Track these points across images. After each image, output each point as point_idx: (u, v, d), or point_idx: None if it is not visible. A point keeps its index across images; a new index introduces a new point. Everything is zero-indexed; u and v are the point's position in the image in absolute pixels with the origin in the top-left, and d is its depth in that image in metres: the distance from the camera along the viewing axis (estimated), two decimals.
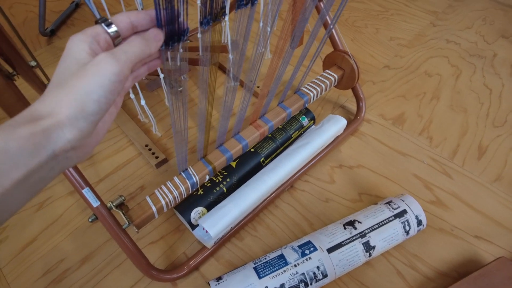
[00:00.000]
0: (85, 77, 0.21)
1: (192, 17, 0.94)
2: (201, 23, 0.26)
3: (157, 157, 0.63)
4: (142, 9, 0.52)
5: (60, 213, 0.58)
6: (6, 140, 0.19)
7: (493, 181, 0.62)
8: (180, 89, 0.75)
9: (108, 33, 0.24)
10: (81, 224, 0.57)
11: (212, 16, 0.26)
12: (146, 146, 0.64)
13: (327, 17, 0.62)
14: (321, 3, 0.62)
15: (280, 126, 0.64)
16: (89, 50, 0.23)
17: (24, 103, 0.35)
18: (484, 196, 0.60)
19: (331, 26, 0.59)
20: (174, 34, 0.25)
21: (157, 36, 0.25)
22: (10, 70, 0.40)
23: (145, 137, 0.66)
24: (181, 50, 0.27)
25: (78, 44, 0.23)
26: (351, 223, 0.52)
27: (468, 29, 0.93)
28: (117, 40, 0.25)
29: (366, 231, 0.51)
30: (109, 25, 0.24)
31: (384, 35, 0.91)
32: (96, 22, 0.24)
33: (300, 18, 0.45)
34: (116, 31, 0.24)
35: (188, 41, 0.73)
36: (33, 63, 0.42)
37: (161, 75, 0.53)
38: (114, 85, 0.22)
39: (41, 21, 0.84)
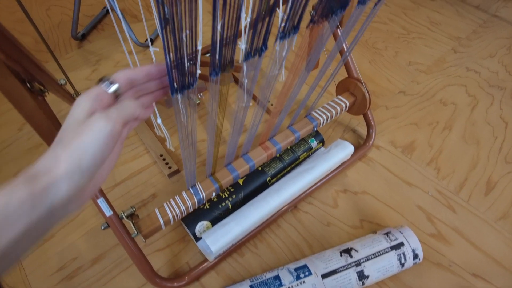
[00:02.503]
0: (81, 134, 0.24)
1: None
2: (210, 74, 0.28)
3: (170, 167, 0.66)
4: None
5: (77, 213, 0.63)
6: (7, 201, 0.21)
7: (498, 219, 0.62)
8: (198, 102, 0.78)
9: (109, 92, 0.27)
10: (95, 225, 0.61)
11: (220, 69, 0.28)
12: (161, 156, 0.68)
13: (344, 45, 0.64)
14: (339, 30, 0.64)
15: (288, 147, 0.66)
16: (89, 109, 0.25)
17: (53, 122, 0.39)
18: (486, 234, 0.61)
19: (347, 54, 0.61)
20: (184, 85, 0.27)
21: (148, 108, 0.29)
22: (41, 87, 0.43)
23: (160, 147, 0.69)
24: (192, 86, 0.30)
25: (81, 103, 0.25)
26: (347, 251, 0.54)
27: (491, 57, 0.92)
28: (118, 96, 0.28)
29: (362, 260, 0.52)
30: (111, 82, 0.27)
31: (403, 58, 0.91)
32: (99, 81, 0.27)
33: (316, 44, 0.47)
34: (117, 88, 0.27)
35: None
36: (62, 81, 0.45)
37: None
38: (107, 141, 0.24)
39: (74, 26, 0.89)
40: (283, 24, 0.28)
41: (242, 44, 0.29)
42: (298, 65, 0.43)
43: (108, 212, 0.49)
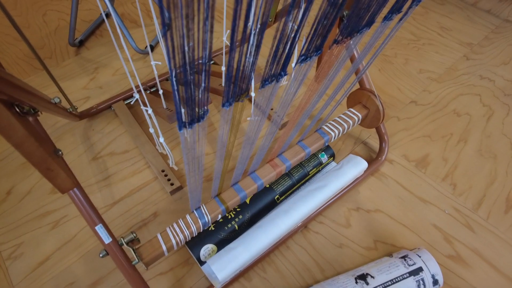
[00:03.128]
0: None
1: (216, 35, 0.93)
2: (223, 105, 0.25)
3: (172, 184, 0.63)
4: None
5: (74, 233, 0.59)
6: None
7: None
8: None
9: None
10: (93, 247, 0.58)
11: (234, 99, 0.25)
12: (163, 171, 0.64)
13: (361, 63, 0.60)
14: (355, 52, 0.60)
15: None
16: None
17: (45, 148, 0.35)
18: (508, 256, 0.57)
19: (362, 73, 0.57)
20: (193, 119, 0.24)
21: None
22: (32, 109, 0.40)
23: (162, 162, 0.66)
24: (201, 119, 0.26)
25: None
26: (363, 277, 0.50)
27: (505, 65, 0.88)
28: None
29: (378, 287, 0.49)
30: None
31: (414, 66, 0.88)
32: None
33: (336, 63, 0.43)
34: None
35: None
36: (56, 100, 0.42)
37: (182, 110, 0.52)
38: None
39: (71, 33, 0.85)
40: (305, 46, 0.25)
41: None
42: (316, 84, 0.39)
43: (107, 239, 0.45)
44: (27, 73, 0.84)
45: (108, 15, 0.96)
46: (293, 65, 0.27)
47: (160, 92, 0.55)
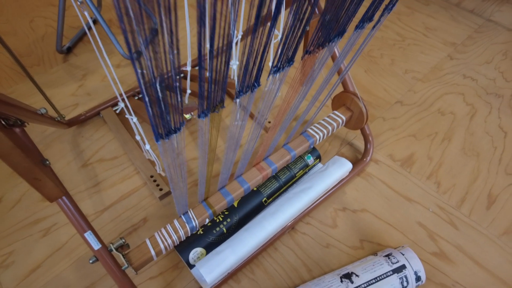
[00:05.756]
0: None
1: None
2: (199, 116, 0.26)
3: (161, 189, 0.64)
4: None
5: (64, 240, 0.60)
6: None
7: (501, 234, 0.61)
8: (189, 118, 0.75)
9: None
10: (84, 253, 0.58)
11: (209, 110, 0.26)
12: (151, 177, 0.65)
13: (342, 65, 0.62)
14: (337, 51, 0.61)
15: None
16: None
17: (32, 159, 0.36)
18: (490, 251, 0.59)
19: (344, 73, 0.59)
20: (170, 130, 0.25)
21: None
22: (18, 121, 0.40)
23: (150, 167, 0.66)
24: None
25: None
26: (348, 276, 0.51)
27: (487, 64, 0.90)
28: None
29: (363, 286, 0.50)
30: None
31: (399, 67, 0.89)
32: None
33: (313, 70, 0.44)
34: None
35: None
36: (43, 111, 0.43)
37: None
38: None
39: (58, 40, 0.86)
40: (276, 58, 0.26)
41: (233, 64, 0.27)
42: (296, 87, 0.41)
43: (96, 246, 0.46)
44: (14, 81, 0.84)
45: (95, 21, 0.97)
46: (267, 78, 0.28)
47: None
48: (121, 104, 0.39)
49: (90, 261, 0.47)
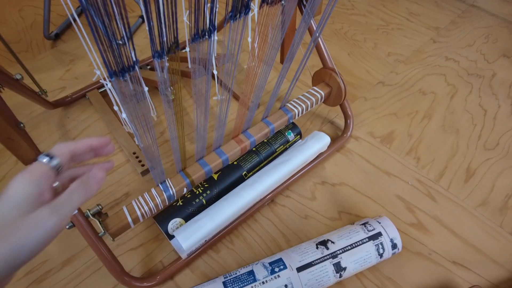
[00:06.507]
0: (23, 229, 0.22)
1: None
2: (153, 56, 0.27)
3: (143, 165, 0.65)
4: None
5: None
6: None
7: (477, 206, 0.62)
8: (173, 98, 0.77)
9: (52, 168, 0.25)
10: (66, 227, 0.59)
11: (164, 52, 0.27)
12: (134, 153, 0.66)
13: (312, 22, 0.62)
14: (303, 5, 0.62)
15: (265, 140, 0.65)
16: (33, 196, 0.23)
17: (9, 123, 0.37)
18: (466, 221, 0.60)
19: (317, 34, 0.59)
20: (124, 69, 0.26)
21: (96, 177, 0.27)
22: None
23: (133, 145, 0.67)
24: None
25: (23, 188, 0.23)
26: (324, 243, 0.52)
27: (469, 46, 0.91)
28: (59, 170, 0.26)
29: (338, 252, 0.51)
30: (51, 158, 0.26)
31: (382, 50, 0.91)
32: (37, 157, 0.26)
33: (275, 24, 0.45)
34: (58, 163, 0.26)
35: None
36: (18, 76, 0.44)
37: (145, 88, 0.54)
38: (52, 237, 0.23)
39: (45, 25, 0.87)
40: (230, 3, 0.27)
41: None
42: (261, 49, 0.42)
43: None
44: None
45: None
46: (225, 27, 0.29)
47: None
48: (108, 85, 0.40)
49: (67, 227, 0.47)
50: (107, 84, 0.41)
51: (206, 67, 0.33)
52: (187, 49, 0.59)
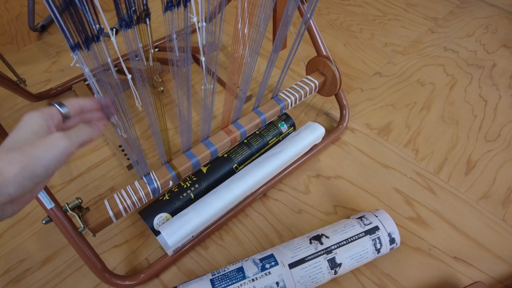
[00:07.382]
0: (40, 146, 0.25)
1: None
2: (120, 26, 0.24)
3: (129, 159, 0.62)
4: None
5: (28, 211, 0.58)
6: None
7: (479, 199, 0.59)
8: (162, 89, 0.74)
9: (61, 113, 0.30)
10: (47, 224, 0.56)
11: (132, 20, 0.24)
12: (120, 146, 0.63)
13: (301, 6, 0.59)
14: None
15: (257, 132, 0.62)
16: (45, 126, 0.27)
17: None
18: (468, 215, 0.57)
19: (308, 15, 0.56)
20: (88, 39, 0.23)
21: (98, 124, 0.33)
22: None
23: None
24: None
25: (35, 120, 0.27)
26: (317, 238, 0.49)
27: (468, 37, 0.89)
28: (67, 118, 0.31)
29: (333, 247, 0.48)
30: (61, 105, 0.30)
31: (379, 40, 0.88)
32: (51, 104, 0.30)
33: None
34: (67, 111, 0.31)
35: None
36: None
37: (129, 76, 0.51)
38: (63, 157, 0.26)
39: (30, 17, 0.84)
40: None
41: None
42: (244, 31, 0.39)
43: (49, 205, 0.44)
44: None
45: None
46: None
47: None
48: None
49: (43, 222, 0.44)
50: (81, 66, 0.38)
51: (185, 42, 0.30)
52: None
